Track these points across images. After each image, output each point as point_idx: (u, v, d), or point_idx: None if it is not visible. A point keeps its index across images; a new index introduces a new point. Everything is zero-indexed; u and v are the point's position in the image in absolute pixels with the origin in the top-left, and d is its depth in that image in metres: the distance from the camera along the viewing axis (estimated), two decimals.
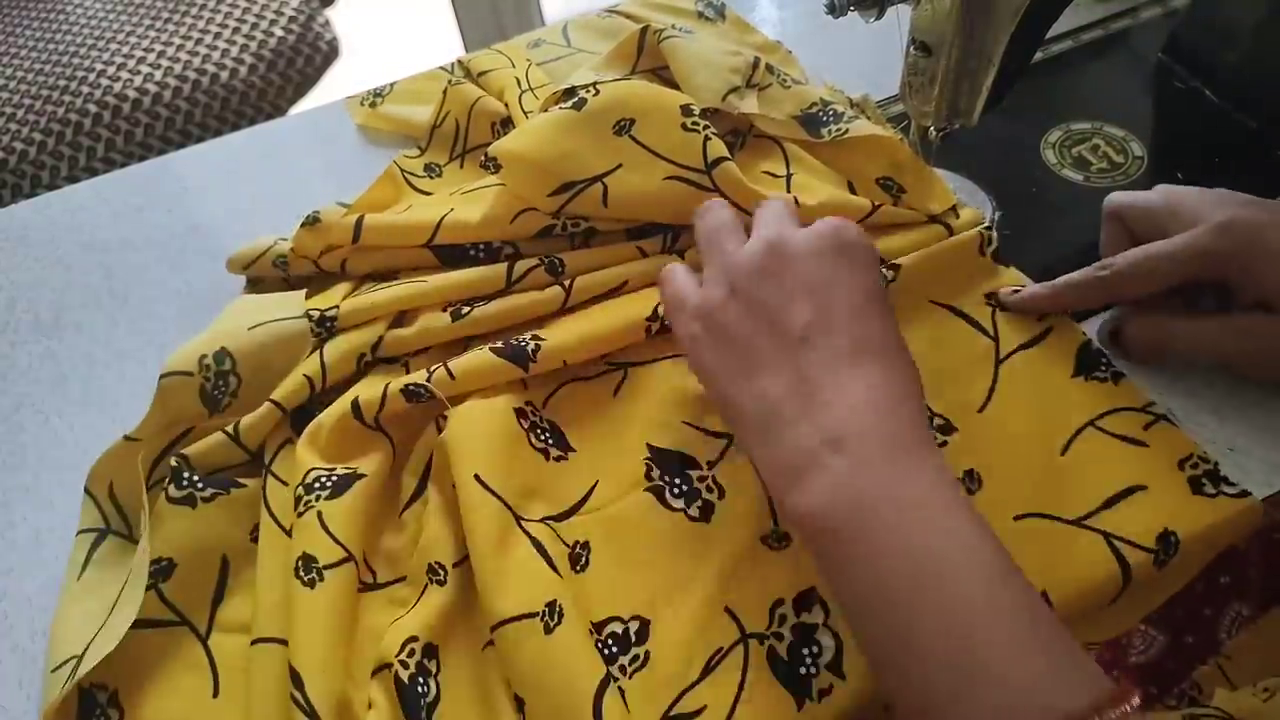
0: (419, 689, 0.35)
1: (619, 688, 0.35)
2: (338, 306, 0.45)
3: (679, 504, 0.40)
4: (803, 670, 0.35)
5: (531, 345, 0.43)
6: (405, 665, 0.36)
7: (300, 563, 0.37)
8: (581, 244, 0.49)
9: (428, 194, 0.54)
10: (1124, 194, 0.44)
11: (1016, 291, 0.45)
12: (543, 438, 0.43)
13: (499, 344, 0.43)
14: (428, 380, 0.42)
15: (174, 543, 0.39)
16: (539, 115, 0.49)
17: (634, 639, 0.37)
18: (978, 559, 0.29)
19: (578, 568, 0.39)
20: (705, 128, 0.47)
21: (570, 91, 0.50)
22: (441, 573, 0.38)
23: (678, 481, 0.41)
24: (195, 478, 0.40)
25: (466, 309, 0.45)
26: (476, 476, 0.38)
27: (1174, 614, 0.44)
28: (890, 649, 0.29)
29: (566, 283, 0.46)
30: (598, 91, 0.48)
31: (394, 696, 0.35)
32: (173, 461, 0.41)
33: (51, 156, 0.98)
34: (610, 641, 0.37)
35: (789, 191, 0.48)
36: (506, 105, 0.56)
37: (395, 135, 0.60)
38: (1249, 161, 0.53)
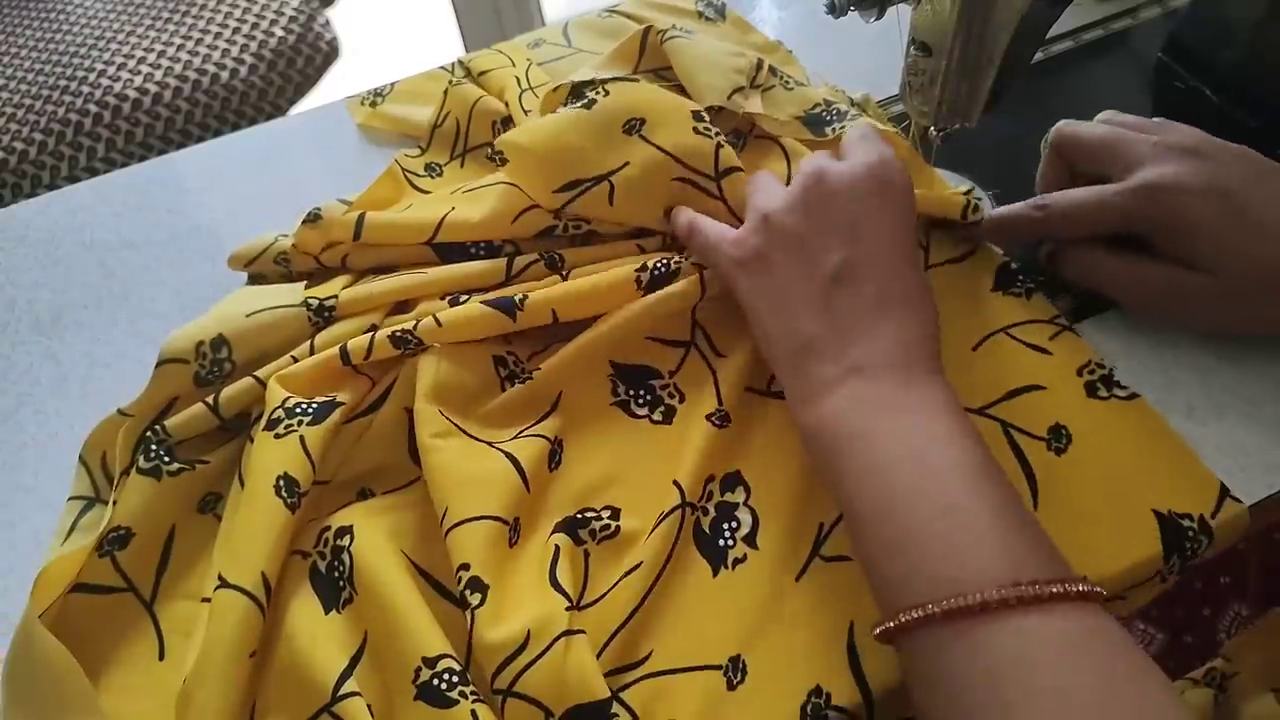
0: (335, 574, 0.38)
1: (584, 550, 0.39)
2: (336, 295, 0.45)
3: (643, 411, 0.44)
4: (720, 542, 0.39)
5: (519, 296, 0.43)
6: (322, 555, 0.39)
7: (282, 483, 0.38)
8: (582, 244, 0.49)
9: (428, 193, 0.54)
10: (1070, 125, 0.46)
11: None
12: (514, 383, 0.44)
13: (488, 297, 0.44)
14: (414, 327, 0.42)
15: (135, 513, 0.40)
16: (547, 115, 0.49)
17: (605, 518, 0.40)
18: (966, 455, 0.33)
19: (553, 464, 0.42)
20: (717, 134, 0.47)
21: (577, 91, 0.50)
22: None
23: (641, 392, 0.44)
24: (163, 451, 0.41)
25: (465, 297, 0.45)
26: (440, 412, 0.41)
27: (1173, 614, 0.44)
28: (882, 525, 0.32)
29: (565, 274, 0.46)
30: (607, 92, 0.48)
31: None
32: (148, 433, 0.42)
33: (51, 156, 0.98)
34: (582, 512, 0.40)
35: None
36: (506, 104, 0.56)
37: (395, 135, 0.60)
38: None
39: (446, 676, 0.34)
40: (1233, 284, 0.40)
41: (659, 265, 0.44)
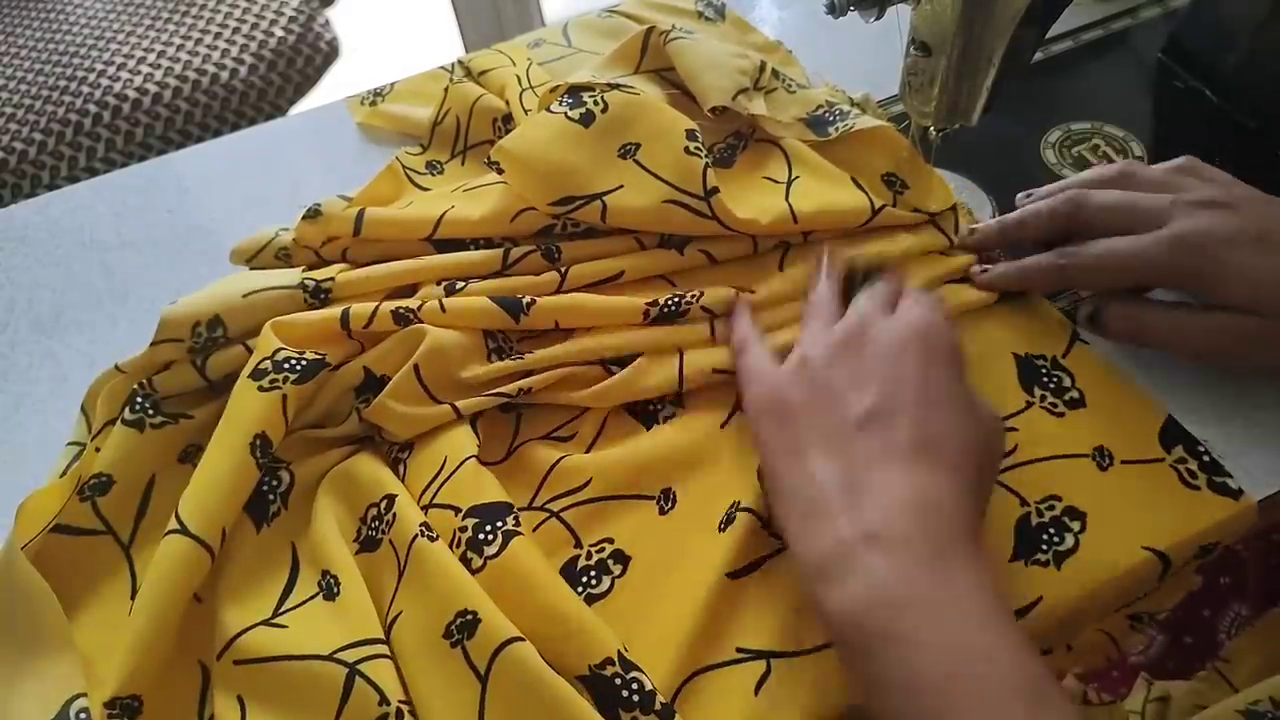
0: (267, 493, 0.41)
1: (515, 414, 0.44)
2: (333, 278, 0.46)
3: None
4: (650, 408, 0.44)
5: (526, 300, 0.44)
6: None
7: (258, 442, 0.39)
8: (581, 239, 0.49)
9: (428, 190, 0.54)
10: (1083, 193, 0.44)
11: (984, 270, 0.47)
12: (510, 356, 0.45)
13: (495, 294, 0.45)
14: (419, 309, 0.43)
15: (115, 461, 0.42)
16: (541, 114, 0.49)
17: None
18: (1007, 672, 0.29)
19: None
20: (706, 154, 0.47)
21: (575, 95, 0.50)
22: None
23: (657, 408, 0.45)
24: (149, 405, 0.42)
25: (461, 284, 0.45)
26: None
27: (1174, 614, 0.44)
28: None
29: (563, 269, 0.46)
30: (605, 106, 0.48)
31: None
32: (136, 386, 0.43)
33: (51, 156, 0.98)
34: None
35: (788, 198, 0.48)
36: (507, 102, 0.56)
37: (395, 135, 0.60)
38: (1249, 161, 0.53)
39: (379, 525, 0.39)
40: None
41: (669, 302, 0.44)
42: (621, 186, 0.46)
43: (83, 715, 0.35)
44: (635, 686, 0.34)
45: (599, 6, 0.66)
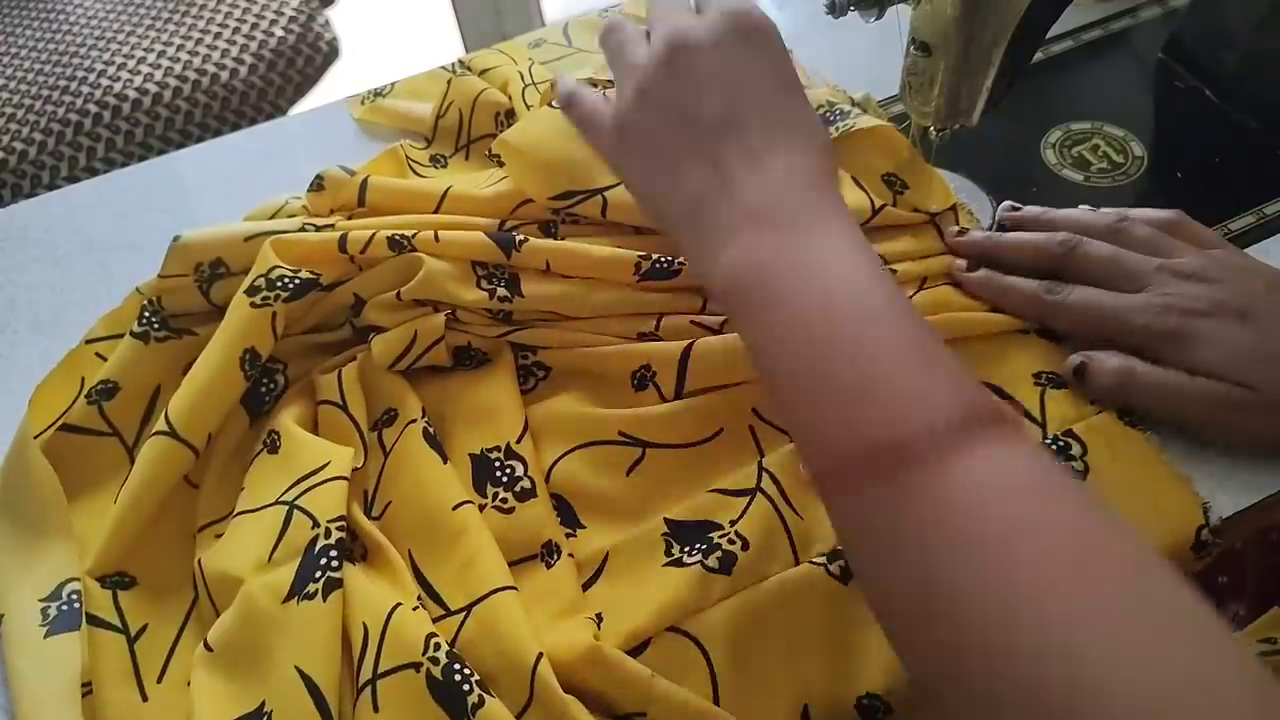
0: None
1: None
2: (333, 225, 0.47)
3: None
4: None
5: (519, 237, 0.44)
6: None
7: (248, 356, 0.42)
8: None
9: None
10: (1077, 228, 0.45)
11: (963, 231, 0.48)
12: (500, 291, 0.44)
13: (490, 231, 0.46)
14: (413, 236, 0.44)
15: (121, 370, 0.44)
16: (543, 109, 0.49)
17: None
18: (873, 301, 0.31)
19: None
20: None
21: None
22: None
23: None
24: (156, 321, 0.45)
25: None
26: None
27: None
28: (797, 389, 0.32)
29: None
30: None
31: None
32: (144, 300, 0.46)
33: (51, 156, 0.98)
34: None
35: None
36: (510, 98, 0.56)
37: (396, 134, 0.60)
38: (1249, 161, 0.53)
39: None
40: (1271, 396, 0.39)
41: (660, 261, 0.44)
42: (623, 182, 0.46)
43: (74, 595, 0.39)
44: None
45: (599, 6, 0.66)
